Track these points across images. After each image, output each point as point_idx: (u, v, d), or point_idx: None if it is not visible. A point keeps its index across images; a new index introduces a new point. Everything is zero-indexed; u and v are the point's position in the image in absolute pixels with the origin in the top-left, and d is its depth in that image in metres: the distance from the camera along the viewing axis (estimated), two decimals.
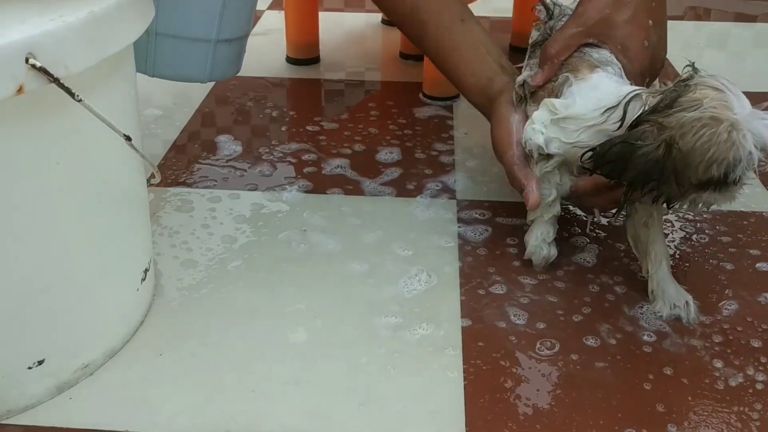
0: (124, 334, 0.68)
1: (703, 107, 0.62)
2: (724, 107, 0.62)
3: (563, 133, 0.71)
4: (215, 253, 0.80)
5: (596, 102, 0.69)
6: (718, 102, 0.62)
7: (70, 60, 0.51)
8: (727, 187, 0.63)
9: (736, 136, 0.61)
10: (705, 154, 0.62)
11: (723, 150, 0.61)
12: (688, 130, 0.62)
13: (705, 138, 0.61)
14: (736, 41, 1.53)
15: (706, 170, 0.62)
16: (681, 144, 0.62)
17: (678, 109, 0.63)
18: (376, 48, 1.43)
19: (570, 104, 0.71)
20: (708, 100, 0.62)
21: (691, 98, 0.63)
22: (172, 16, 0.76)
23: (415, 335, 0.70)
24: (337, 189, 0.93)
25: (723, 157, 0.61)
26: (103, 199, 0.61)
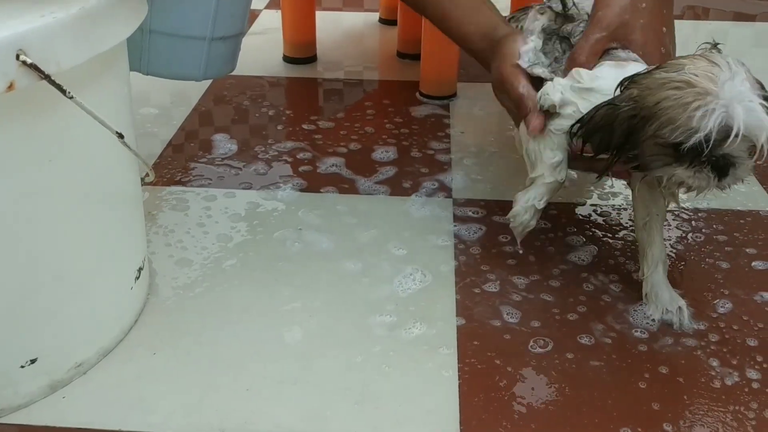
0: (118, 332, 0.68)
1: (682, 71, 0.60)
2: (707, 78, 0.59)
3: (583, 102, 0.68)
4: (210, 252, 0.80)
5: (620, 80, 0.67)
6: (702, 71, 0.60)
7: (61, 57, 0.51)
8: (699, 166, 0.61)
9: (703, 106, 0.58)
10: (663, 113, 0.60)
11: (680, 114, 0.59)
12: (655, 87, 0.61)
13: (668, 97, 0.60)
14: (735, 40, 1.53)
15: (658, 129, 0.60)
16: (644, 100, 0.61)
17: (660, 70, 0.62)
18: (373, 47, 1.42)
19: (596, 77, 0.69)
20: (692, 66, 0.60)
21: (677, 62, 0.61)
22: (166, 13, 0.76)
23: (410, 334, 0.69)
24: (332, 188, 0.93)
25: (679, 121, 0.59)
26: (95, 198, 0.61)
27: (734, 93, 0.58)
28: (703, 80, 0.59)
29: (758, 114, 0.58)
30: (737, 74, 0.59)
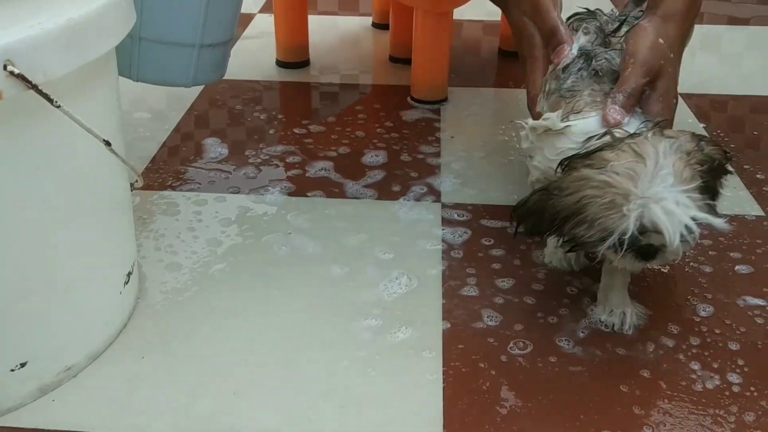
0: (107, 336, 0.69)
1: (604, 168, 0.61)
2: (628, 176, 0.60)
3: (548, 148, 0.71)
4: (200, 257, 0.81)
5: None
6: (624, 168, 0.60)
7: (48, 66, 0.52)
8: (624, 253, 0.61)
9: (620, 208, 0.59)
10: (583, 212, 0.61)
11: (598, 215, 0.60)
12: (577, 184, 0.62)
13: (587, 196, 0.61)
14: (729, 43, 1.54)
15: (577, 226, 0.61)
16: (566, 198, 0.62)
17: (587, 164, 0.62)
18: (366, 51, 1.43)
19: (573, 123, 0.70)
20: (615, 163, 0.61)
21: (603, 157, 0.62)
22: (155, 21, 0.77)
23: (396, 338, 0.70)
24: (322, 191, 0.94)
25: (597, 222, 0.60)
26: (84, 204, 0.62)
27: (653, 193, 0.59)
28: (623, 180, 0.60)
29: (674, 216, 0.58)
30: (662, 169, 0.59)
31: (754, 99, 1.24)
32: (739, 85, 1.30)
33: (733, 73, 1.37)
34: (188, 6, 0.77)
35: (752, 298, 0.76)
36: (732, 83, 1.31)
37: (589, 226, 0.61)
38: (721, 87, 1.29)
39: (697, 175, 0.61)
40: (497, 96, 1.24)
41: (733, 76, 1.35)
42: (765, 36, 1.57)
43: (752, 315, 0.74)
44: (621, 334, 0.71)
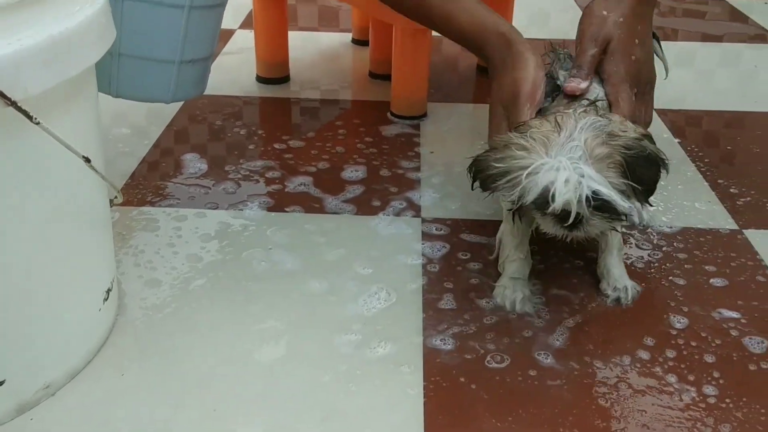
0: (87, 353, 0.68)
1: (525, 133, 0.66)
2: (542, 143, 0.65)
3: None
4: (179, 272, 0.81)
5: None
6: (541, 135, 0.65)
7: (28, 83, 0.52)
8: (546, 216, 0.67)
9: (529, 171, 0.64)
10: (505, 173, 0.66)
11: (515, 176, 0.64)
12: (502, 146, 0.67)
13: (509, 157, 0.65)
14: (703, 60, 1.57)
15: (505, 185, 0.66)
16: (491, 157, 0.67)
17: (515, 128, 0.69)
18: (346, 67, 1.44)
19: None
20: (535, 130, 0.66)
21: (529, 123, 0.68)
22: (135, 37, 0.77)
23: (376, 353, 0.70)
24: (302, 207, 0.94)
25: (513, 182, 0.65)
26: (63, 220, 0.62)
27: (557, 160, 0.63)
28: (536, 145, 0.65)
29: (569, 183, 0.62)
30: (573, 140, 0.64)
31: (728, 114, 1.26)
32: (714, 100, 1.32)
33: (708, 89, 1.39)
34: (168, 22, 0.77)
35: (727, 310, 0.77)
36: (706, 99, 1.33)
37: (512, 187, 0.65)
38: (695, 103, 1.31)
39: (617, 156, 0.64)
40: (476, 111, 1.25)
41: (708, 91, 1.37)
42: (738, 52, 1.60)
43: (727, 327, 0.75)
44: (597, 348, 0.72)
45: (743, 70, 1.51)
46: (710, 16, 1.86)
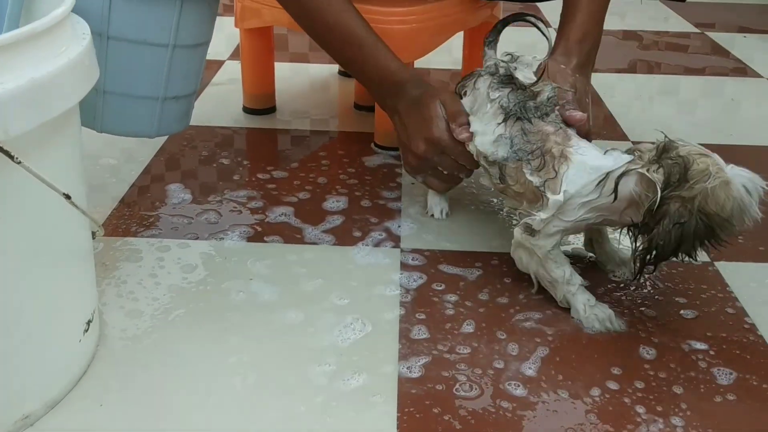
0: (66, 384, 0.70)
1: (713, 175, 0.72)
2: (722, 170, 0.73)
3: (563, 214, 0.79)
4: (161, 303, 0.82)
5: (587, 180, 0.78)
6: (717, 167, 0.73)
7: (9, 124, 0.54)
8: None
9: (741, 191, 0.72)
10: (727, 212, 0.72)
11: (737, 205, 0.72)
12: (713, 197, 0.72)
13: (725, 200, 0.72)
14: (686, 92, 1.60)
15: (726, 225, 0.73)
16: (708, 209, 0.72)
17: (693, 182, 0.72)
18: (332, 98, 1.47)
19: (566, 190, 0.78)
20: (713, 167, 0.73)
21: (699, 169, 0.73)
22: (119, 75, 0.79)
23: (350, 384, 0.72)
24: (283, 237, 0.96)
25: (739, 211, 0.73)
26: (44, 254, 0.63)
27: (733, 170, 0.74)
28: (725, 174, 0.73)
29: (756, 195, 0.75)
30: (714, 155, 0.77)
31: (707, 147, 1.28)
32: (695, 132, 1.35)
33: (689, 120, 1.42)
34: (152, 61, 0.80)
35: (696, 342, 0.79)
36: (687, 131, 1.36)
37: (737, 218, 0.73)
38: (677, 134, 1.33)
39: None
40: None
41: (688, 123, 1.40)
42: (719, 85, 1.63)
43: (696, 359, 0.77)
44: (567, 379, 0.73)
45: (724, 103, 1.54)
46: (692, 49, 1.90)
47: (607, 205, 0.77)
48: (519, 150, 0.82)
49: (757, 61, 1.78)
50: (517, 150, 0.82)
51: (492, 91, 0.86)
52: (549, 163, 0.79)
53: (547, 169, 0.79)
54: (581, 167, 0.78)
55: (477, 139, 0.87)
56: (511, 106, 0.84)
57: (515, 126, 0.83)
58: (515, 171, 0.83)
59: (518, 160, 0.82)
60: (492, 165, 0.86)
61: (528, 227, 0.81)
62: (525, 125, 0.82)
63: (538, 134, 0.82)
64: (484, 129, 0.86)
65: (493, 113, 0.86)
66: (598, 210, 0.78)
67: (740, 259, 0.94)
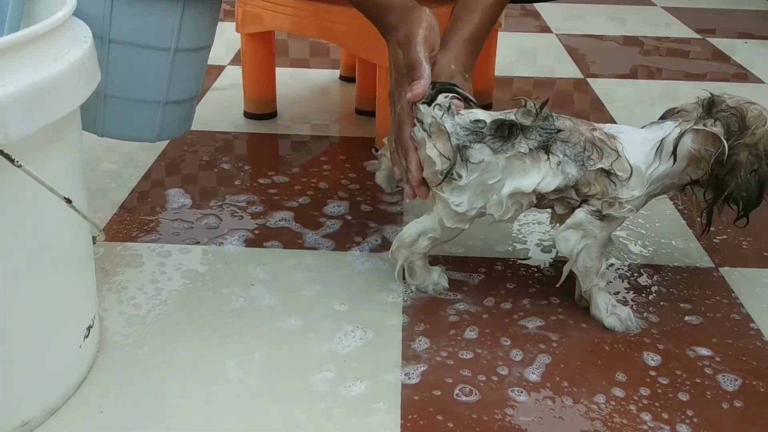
0: (66, 390, 0.69)
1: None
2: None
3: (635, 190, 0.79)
4: (161, 309, 0.82)
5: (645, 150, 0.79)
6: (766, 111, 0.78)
7: (10, 128, 0.53)
8: None
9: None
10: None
11: None
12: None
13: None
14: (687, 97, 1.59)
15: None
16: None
17: (754, 128, 0.77)
18: (333, 103, 1.46)
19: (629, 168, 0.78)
20: (765, 112, 0.78)
21: (754, 115, 0.77)
22: (121, 79, 0.78)
23: (352, 391, 0.71)
24: (283, 242, 0.95)
25: None
26: (44, 259, 0.63)
27: None
28: None
29: None
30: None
31: None
32: None
33: None
34: (154, 64, 0.79)
35: (701, 348, 0.79)
36: None
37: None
38: None
39: None
40: None
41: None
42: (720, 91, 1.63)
43: (701, 365, 0.76)
44: (572, 386, 0.73)
45: None
46: (693, 55, 1.90)
47: (668, 171, 0.78)
48: (576, 156, 0.78)
49: (758, 66, 1.78)
50: (574, 156, 0.77)
51: (505, 152, 0.77)
52: (604, 148, 0.78)
53: (606, 153, 0.78)
54: (632, 141, 0.79)
55: (541, 186, 0.78)
56: (544, 138, 0.77)
57: (556, 146, 0.77)
58: (584, 176, 0.78)
59: (582, 166, 0.78)
60: (565, 191, 0.79)
61: (596, 211, 0.79)
62: (560, 135, 0.78)
63: (574, 133, 0.79)
64: (539, 176, 0.77)
65: (531, 161, 0.77)
66: (660, 179, 0.79)
67: (745, 265, 0.94)
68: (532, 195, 0.79)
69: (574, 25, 2.11)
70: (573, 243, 0.80)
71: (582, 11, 2.29)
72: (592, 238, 0.79)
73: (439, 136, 0.77)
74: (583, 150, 0.78)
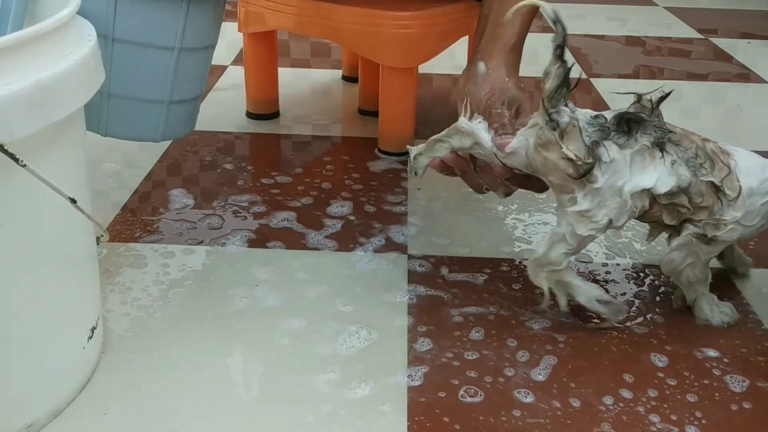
0: (70, 392, 0.68)
1: None
2: None
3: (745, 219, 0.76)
4: (166, 310, 0.81)
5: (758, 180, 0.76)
6: None
7: (14, 126, 0.53)
8: None
9: None
10: None
11: None
12: None
13: None
14: (689, 98, 1.59)
15: None
16: None
17: None
18: (335, 104, 1.46)
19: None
20: None
21: None
22: (125, 78, 0.78)
23: (358, 392, 0.71)
24: (286, 242, 0.94)
25: None
26: (48, 260, 0.62)
27: None
28: None
29: None
30: None
31: None
32: None
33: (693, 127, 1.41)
34: (158, 64, 0.79)
35: (709, 349, 0.78)
36: None
37: None
38: None
39: None
40: None
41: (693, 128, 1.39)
42: (722, 90, 1.63)
43: (709, 366, 0.76)
44: (579, 387, 0.72)
45: (728, 109, 1.54)
46: (695, 55, 1.89)
47: None
48: (688, 160, 0.74)
49: (761, 66, 1.78)
50: (686, 161, 0.74)
51: (631, 147, 0.73)
52: (717, 161, 0.75)
53: (718, 166, 0.74)
54: (748, 162, 0.76)
55: (657, 185, 0.73)
56: (658, 135, 0.74)
57: (669, 146, 0.74)
58: (697, 185, 0.74)
59: (693, 172, 0.74)
60: (676, 196, 0.75)
61: (702, 235, 0.76)
62: (672, 137, 0.75)
63: (684, 138, 0.76)
64: (656, 173, 0.73)
65: (650, 158, 0.74)
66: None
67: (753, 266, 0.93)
68: (645, 197, 0.74)
69: (576, 25, 2.11)
70: (677, 263, 0.78)
71: (584, 11, 2.29)
72: (697, 257, 0.78)
73: (572, 135, 0.71)
74: (695, 156, 0.74)
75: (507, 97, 0.78)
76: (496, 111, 0.77)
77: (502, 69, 0.80)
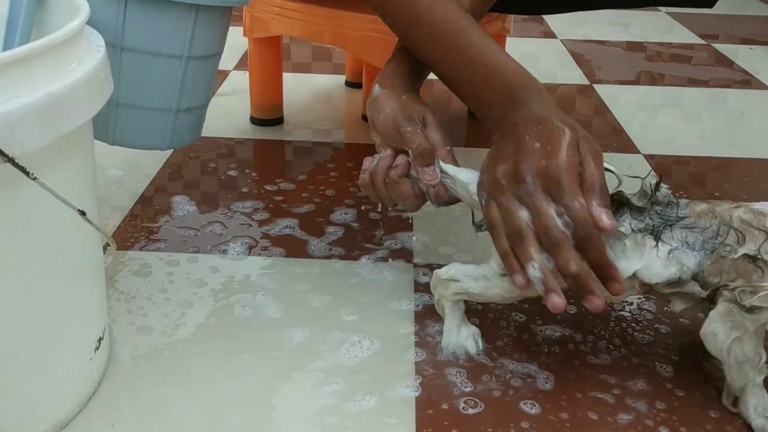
0: (76, 404, 0.68)
1: None
2: None
3: None
4: (171, 319, 0.81)
5: None
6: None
7: (25, 140, 0.52)
8: None
9: None
10: None
11: None
12: None
13: None
14: (690, 103, 1.59)
15: None
16: None
17: None
18: (339, 110, 1.46)
19: None
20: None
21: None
22: (133, 87, 0.78)
23: (365, 404, 0.70)
24: (290, 250, 0.94)
25: None
26: (56, 272, 0.62)
27: None
28: None
29: None
30: None
31: (715, 160, 1.28)
32: (700, 145, 1.34)
33: (694, 133, 1.41)
34: (166, 72, 0.78)
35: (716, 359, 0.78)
36: (693, 143, 1.35)
37: None
38: (682, 147, 1.33)
39: None
40: (467, 155, 1.27)
41: (694, 136, 1.39)
42: (723, 97, 1.63)
43: (717, 377, 0.75)
44: (586, 399, 0.72)
45: (730, 115, 1.54)
46: (696, 60, 1.90)
47: None
48: (702, 243, 0.68)
49: (763, 72, 1.78)
50: (700, 244, 0.68)
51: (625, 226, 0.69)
52: (748, 229, 0.67)
53: (750, 235, 0.67)
54: None
55: (645, 275, 0.68)
56: (655, 223, 0.69)
57: (672, 233, 0.69)
58: (715, 265, 0.68)
59: (712, 253, 0.68)
60: (682, 284, 0.69)
61: (742, 305, 0.67)
62: (683, 223, 0.69)
63: (703, 217, 0.69)
64: (639, 262, 0.68)
65: (632, 244, 0.69)
66: None
67: None
68: (634, 281, 0.69)
69: (578, 31, 2.11)
70: (722, 338, 0.69)
71: (586, 17, 2.29)
72: (743, 330, 0.68)
73: None
74: (715, 236, 0.68)
75: (409, 114, 0.76)
76: (406, 130, 0.75)
77: (397, 88, 0.78)
